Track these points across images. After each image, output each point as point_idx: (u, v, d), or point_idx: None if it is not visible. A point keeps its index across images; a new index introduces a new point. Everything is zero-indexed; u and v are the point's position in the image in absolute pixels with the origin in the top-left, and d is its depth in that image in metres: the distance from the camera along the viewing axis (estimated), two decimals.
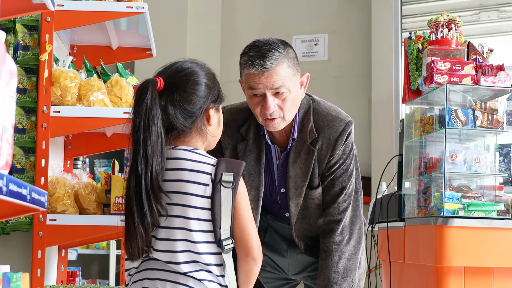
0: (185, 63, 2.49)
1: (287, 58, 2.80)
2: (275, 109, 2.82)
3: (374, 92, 6.89)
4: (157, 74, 2.46)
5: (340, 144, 2.97)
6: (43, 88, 3.25)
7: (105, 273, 7.17)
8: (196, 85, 2.45)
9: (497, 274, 3.91)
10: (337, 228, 3.01)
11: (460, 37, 4.30)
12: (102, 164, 7.08)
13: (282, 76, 2.78)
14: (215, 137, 2.57)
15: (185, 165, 2.40)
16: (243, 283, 2.46)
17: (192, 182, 2.37)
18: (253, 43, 2.85)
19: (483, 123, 4.05)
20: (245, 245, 2.42)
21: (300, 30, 7.33)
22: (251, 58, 2.78)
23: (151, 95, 2.36)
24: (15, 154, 3.28)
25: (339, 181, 3.02)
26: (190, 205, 2.36)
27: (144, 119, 2.34)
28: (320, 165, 2.99)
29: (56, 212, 3.27)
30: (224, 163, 2.41)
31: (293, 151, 2.98)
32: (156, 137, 2.34)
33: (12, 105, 1.62)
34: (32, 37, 3.40)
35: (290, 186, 3.01)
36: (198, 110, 2.45)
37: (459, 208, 3.95)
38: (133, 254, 2.37)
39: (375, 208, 4.81)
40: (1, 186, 1.43)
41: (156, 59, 3.69)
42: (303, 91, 2.95)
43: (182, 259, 2.35)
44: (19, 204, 1.61)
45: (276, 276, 3.29)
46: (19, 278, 1.65)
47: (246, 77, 2.82)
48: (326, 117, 3.00)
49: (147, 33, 3.96)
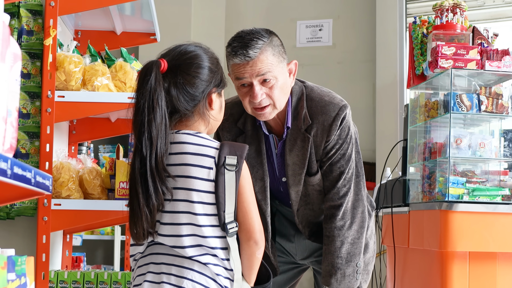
0: (189, 46, 2.49)
1: (271, 46, 2.79)
2: (263, 97, 2.80)
3: (378, 77, 6.87)
4: (160, 56, 2.46)
5: (335, 130, 2.95)
6: (47, 73, 3.25)
7: (110, 259, 7.18)
8: (200, 69, 2.44)
9: (501, 259, 3.92)
10: (338, 213, 3.01)
11: (465, 21, 4.29)
12: (107, 149, 7.08)
13: (267, 63, 2.76)
14: (217, 121, 2.57)
15: (188, 149, 2.40)
16: (246, 268, 2.46)
17: (195, 166, 2.37)
18: (237, 34, 2.84)
19: (488, 108, 4.04)
20: (247, 229, 2.42)
21: (305, 16, 7.31)
22: (234, 48, 2.77)
23: (155, 76, 2.35)
24: (20, 139, 3.28)
25: (337, 166, 3.01)
26: (194, 189, 2.36)
27: (149, 100, 2.34)
28: (317, 152, 2.98)
29: (60, 197, 3.28)
30: (228, 146, 2.41)
31: (289, 139, 2.97)
32: (161, 119, 2.34)
33: (16, 89, 1.61)
34: (36, 22, 3.40)
35: (289, 174, 3.01)
36: (200, 94, 2.44)
37: (463, 193, 3.95)
38: (138, 237, 2.37)
39: (379, 193, 4.81)
40: (5, 169, 1.43)
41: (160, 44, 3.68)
42: (292, 78, 2.93)
43: (187, 243, 2.36)
44: (24, 187, 1.61)
45: (284, 260, 3.30)
46: (23, 262, 1.65)
47: (232, 68, 2.82)
48: (320, 102, 2.97)
49: (151, 18, 3.95)
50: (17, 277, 1.59)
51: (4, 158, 1.43)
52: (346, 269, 2.99)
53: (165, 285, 2.36)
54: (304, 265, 3.37)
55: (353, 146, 3.03)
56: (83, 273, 3.38)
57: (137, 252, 2.47)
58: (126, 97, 3.24)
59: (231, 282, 2.40)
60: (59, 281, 3.37)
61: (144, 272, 2.43)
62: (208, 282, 2.36)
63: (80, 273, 3.38)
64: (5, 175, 1.43)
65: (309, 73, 6.90)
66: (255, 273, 2.50)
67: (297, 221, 3.13)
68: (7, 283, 1.51)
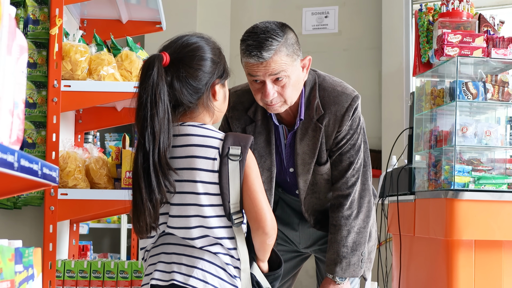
0: (191, 37, 2.48)
1: (285, 45, 2.77)
2: (274, 96, 2.81)
3: (384, 64, 6.86)
4: (162, 49, 2.45)
5: (347, 120, 2.97)
6: (53, 63, 3.25)
7: (117, 247, 7.20)
8: (202, 61, 2.44)
9: (507, 247, 3.92)
10: (346, 202, 3.02)
11: (471, 9, 4.28)
12: (113, 138, 7.08)
13: (280, 63, 2.76)
14: (222, 111, 2.56)
15: (193, 141, 2.40)
16: (258, 251, 2.47)
17: (200, 157, 2.37)
18: (252, 29, 2.82)
19: (494, 96, 4.03)
20: (255, 218, 2.41)
21: (310, 2, 7.30)
22: (249, 48, 2.76)
23: (157, 71, 2.35)
24: (26, 129, 3.29)
25: (347, 156, 3.02)
26: (200, 180, 2.36)
27: (151, 95, 2.34)
28: (328, 141, 2.99)
29: (67, 187, 3.28)
30: (232, 137, 2.41)
31: (300, 128, 2.98)
32: (163, 113, 2.34)
33: (23, 81, 1.62)
34: (42, 11, 3.39)
35: (298, 163, 3.02)
36: (204, 86, 2.44)
37: (469, 181, 3.95)
38: (141, 231, 2.38)
39: (385, 181, 4.81)
40: (12, 161, 1.44)
41: (166, 32, 3.68)
42: (306, 73, 2.93)
43: (196, 235, 2.37)
44: (31, 179, 1.62)
45: (286, 248, 3.31)
46: (31, 253, 1.66)
47: (246, 65, 2.81)
48: (332, 93, 2.98)
49: (157, 7, 3.95)
50: (24, 268, 1.60)
51: (11, 151, 1.43)
52: (351, 258, 3.00)
53: (175, 275, 2.38)
54: (306, 253, 3.37)
55: (362, 136, 3.05)
56: (90, 262, 3.39)
57: (149, 243, 2.48)
58: (132, 87, 3.24)
59: (240, 271, 2.41)
60: (66, 270, 3.38)
61: (155, 262, 2.44)
62: (218, 271, 2.37)
63: (87, 263, 3.39)
64: (12, 168, 1.43)
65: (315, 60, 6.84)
66: (267, 255, 2.51)
67: (303, 210, 3.14)
68: (15, 275, 1.52)
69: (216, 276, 2.37)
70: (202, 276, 2.35)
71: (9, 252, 1.49)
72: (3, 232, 3.45)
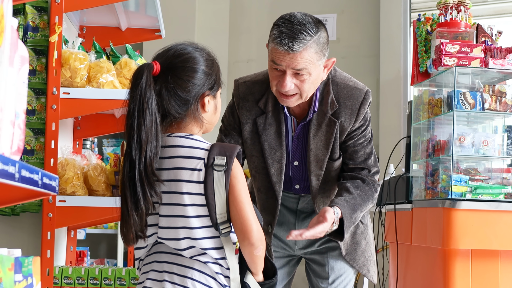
0: (184, 47, 2.45)
1: (316, 43, 2.79)
2: (291, 88, 2.82)
3: (382, 72, 6.87)
4: (155, 57, 2.43)
5: (362, 113, 3.05)
6: (52, 70, 3.26)
7: (113, 252, 7.20)
8: (193, 72, 2.41)
9: (504, 257, 3.93)
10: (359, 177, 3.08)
11: (469, 19, 4.29)
12: (111, 143, 7.09)
13: (306, 59, 2.77)
14: (211, 123, 2.53)
15: (179, 152, 2.38)
16: (249, 264, 2.45)
17: (186, 169, 2.36)
18: (289, 17, 2.81)
19: (492, 106, 4.05)
20: (241, 229, 2.38)
21: (309, 10, 7.23)
22: (281, 35, 2.76)
23: (146, 80, 2.33)
24: (25, 136, 3.29)
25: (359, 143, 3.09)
26: (186, 192, 2.35)
27: (139, 104, 2.31)
28: (341, 136, 3.03)
29: (65, 194, 3.29)
30: (217, 147, 2.38)
31: (314, 124, 2.99)
32: (151, 122, 2.32)
33: (24, 91, 1.62)
34: (41, 19, 3.40)
35: (311, 159, 3.02)
36: (192, 98, 2.41)
37: (466, 190, 3.96)
38: (128, 239, 2.37)
39: (382, 190, 4.82)
40: (13, 172, 1.44)
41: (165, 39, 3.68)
42: (326, 72, 2.95)
43: (184, 246, 2.36)
44: (31, 189, 1.62)
45: (280, 254, 3.24)
46: (30, 262, 1.66)
47: (272, 50, 2.81)
48: (345, 88, 3.04)
49: (156, 14, 3.96)
50: (24, 278, 1.60)
51: (12, 162, 1.44)
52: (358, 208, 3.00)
53: (166, 284, 2.38)
54: (296, 257, 3.31)
55: (370, 127, 3.15)
56: (88, 269, 3.40)
57: (143, 253, 2.48)
58: None
59: (229, 280, 2.41)
60: (64, 277, 3.38)
61: (147, 270, 2.44)
62: (208, 281, 2.37)
63: (85, 269, 3.39)
64: (13, 179, 1.44)
65: None
66: (259, 267, 2.48)
67: (315, 208, 3.12)
68: (15, 284, 1.53)
69: (206, 286, 2.36)
70: (192, 286, 2.35)
71: (8, 262, 1.50)
72: (1, 239, 3.46)
